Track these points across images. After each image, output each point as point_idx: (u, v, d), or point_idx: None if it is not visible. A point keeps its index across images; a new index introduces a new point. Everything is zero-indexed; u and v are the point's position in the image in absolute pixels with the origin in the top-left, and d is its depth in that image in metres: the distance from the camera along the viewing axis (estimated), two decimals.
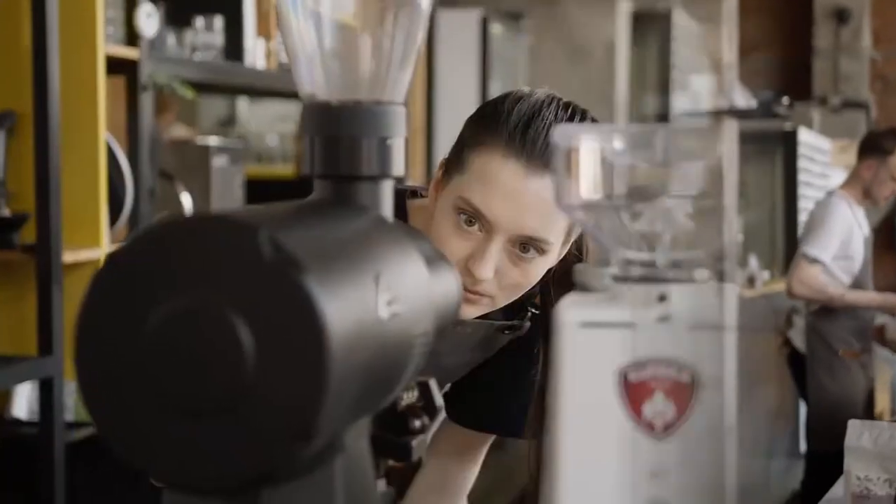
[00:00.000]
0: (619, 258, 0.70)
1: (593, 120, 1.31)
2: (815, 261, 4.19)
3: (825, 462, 3.67)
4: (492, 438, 1.53)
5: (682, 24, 7.27)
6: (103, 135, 2.44)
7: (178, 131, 4.31)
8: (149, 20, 2.56)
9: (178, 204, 2.90)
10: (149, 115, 2.59)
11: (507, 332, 1.42)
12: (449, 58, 5.03)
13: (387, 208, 0.78)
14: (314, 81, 0.79)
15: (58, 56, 2.33)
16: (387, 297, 0.67)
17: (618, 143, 0.68)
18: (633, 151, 0.69)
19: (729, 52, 5.69)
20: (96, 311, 0.61)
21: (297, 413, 0.59)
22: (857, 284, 4.33)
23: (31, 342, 2.36)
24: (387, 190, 0.79)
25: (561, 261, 1.35)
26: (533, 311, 1.43)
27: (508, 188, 1.23)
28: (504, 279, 1.27)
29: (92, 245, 2.43)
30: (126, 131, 2.60)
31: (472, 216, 1.25)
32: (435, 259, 0.83)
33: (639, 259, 0.70)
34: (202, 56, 2.93)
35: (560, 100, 1.29)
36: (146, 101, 2.58)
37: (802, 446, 4.69)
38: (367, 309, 0.64)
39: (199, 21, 2.98)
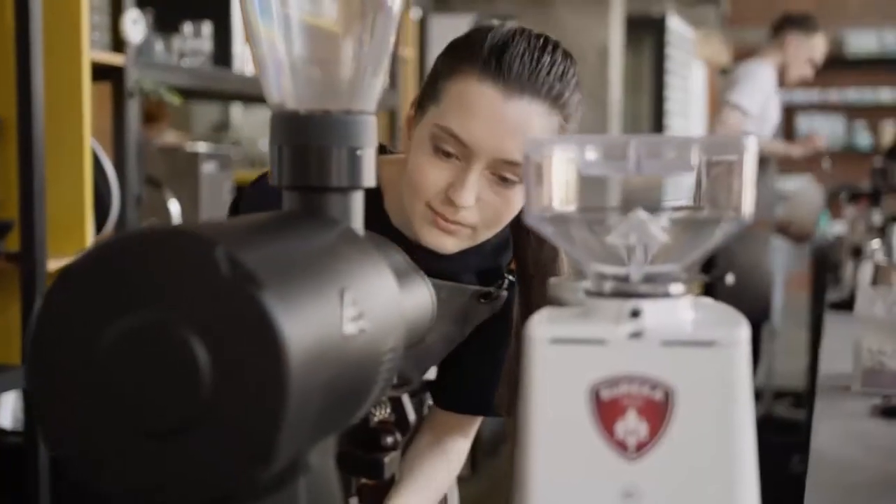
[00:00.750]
0: (591, 272, 0.68)
1: (566, 54, 1.29)
2: (742, 111, 4.31)
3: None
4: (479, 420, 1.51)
5: (676, 28, 7.27)
6: (89, 141, 2.42)
7: (171, 137, 4.29)
8: (135, 26, 2.54)
9: (166, 211, 2.88)
10: (135, 122, 2.57)
11: (483, 300, 1.40)
12: None
13: (357, 220, 0.76)
14: (282, 90, 0.77)
15: (42, 62, 2.31)
16: (353, 312, 0.66)
17: (590, 154, 0.67)
18: (605, 162, 0.67)
19: None
20: (49, 326, 0.59)
21: (256, 434, 0.57)
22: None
23: (15, 351, 2.34)
24: (357, 201, 0.77)
25: (538, 257, 1.34)
26: (510, 278, 1.41)
27: (487, 112, 1.22)
28: (485, 209, 1.25)
29: (77, 252, 2.40)
30: (112, 138, 2.58)
31: (450, 145, 1.23)
32: (407, 272, 0.81)
33: (612, 273, 0.68)
34: (190, 62, 2.91)
35: (532, 30, 1.29)
36: (132, 108, 2.56)
37: None
38: (330, 326, 0.62)
39: (188, 27, 2.96)
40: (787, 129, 10.20)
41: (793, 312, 6.47)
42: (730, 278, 4.39)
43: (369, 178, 0.77)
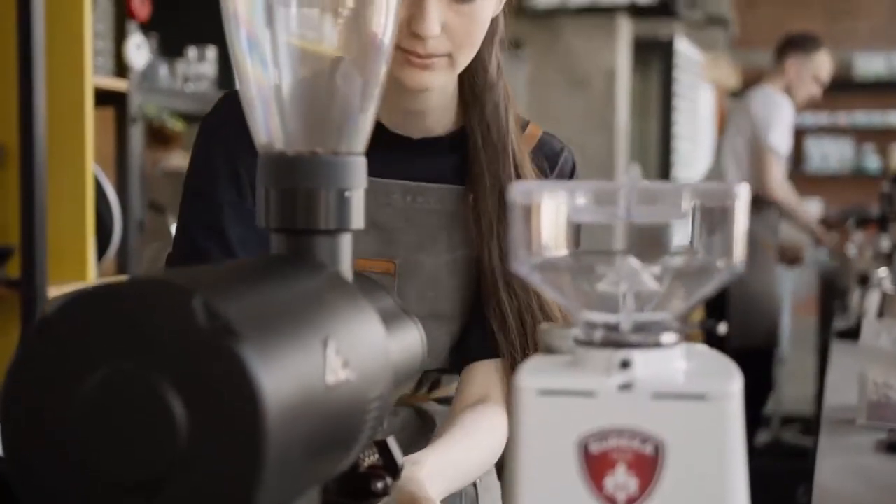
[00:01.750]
0: (581, 320, 0.67)
1: None
2: (780, 155, 4.32)
3: (747, 358, 4.14)
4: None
5: (684, 51, 7.27)
6: (91, 167, 2.41)
7: (180, 160, 4.28)
8: (139, 52, 2.54)
9: (169, 235, 2.87)
10: (138, 147, 2.57)
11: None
12: None
13: (345, 263, 0.75)
14: (270, 131, 0.76)
15: (45, 87, 2.30)
16: (337, 361, 0.64)
17: (580, 200, 0.65)
18: (596, 208, 0.66)
19: None
20: (25, 375, 0.58)
21: (234, 489, 0.55)
22: None
23: None
24: (345, 244, 0.76)
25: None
26: None
27: None
28: (454, 32, 1.21)
29: (79, 279, 2.39)
30: (115, 163, 2.57)
31: None
32: (395, 316, 0.79)
33: (602, 321, 0.66)
34: (194, 86, 2.91)
35: None
36: (135, 133, 2.55)
37: None
38: (312, 376, 0.61)
39: (192, 51, 2.96)
40: (797, 152, 10.19)
41: (801, 337, 6.44)
42: (722, 328, 4.36)
43: (358, 221, 0.76)
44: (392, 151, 1.31)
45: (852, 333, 2.79)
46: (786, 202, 4.35)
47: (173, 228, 3.00)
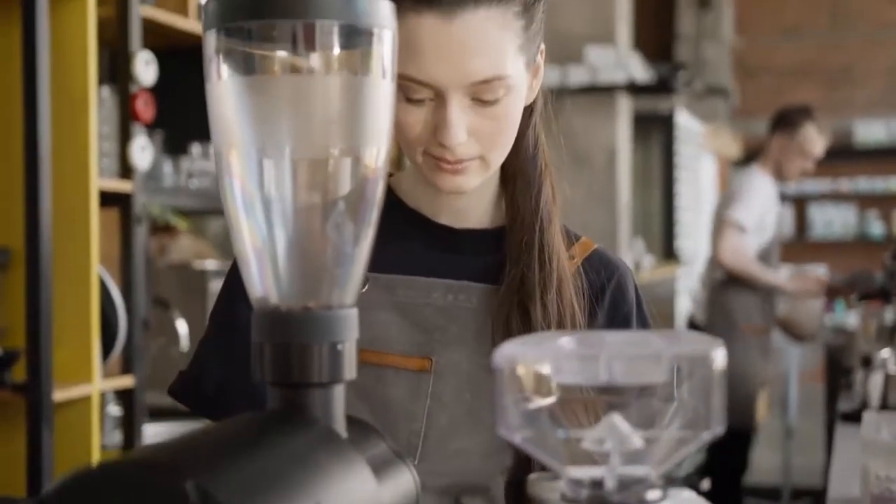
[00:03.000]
0: (566, 477, 0.69)
1: None
2: (741, 227, 4.32)
3: (723, 440, 4.17)
4: None
5: (684, 124, 7.34)
6: (96, 268, 2.44)
7: (186, 245, 4.32)
8: (143, 153, 2.58)
9: (174, 331, 2.90)
10: (142, 247, 2.60)
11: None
12: None
13: (338, 415, 0.77)
14: (265, 286, 0.78)
15: (50, 190, 2.34)
16: None
17: (563, 365, 0.67)
18: (579, 372, 0.68)
19: (621, 22, 5.68)
20: None
21: None
22: (762, 258, 4.47)
23: (20, 484, 2.33)
24: (338, 395, 0.77)
25: None
26: None
27: (432, 43, 1.12)
28: (481, 136, 1.17)
29: (84, 381, 2.41)
30: (120, 263, 2.60)
31: (415, 90, 1.15)
32: (388, 462, 0.81)
33: (587, 477, 0.68)
34: (198, 182, 2.95)
35: None
36: (140, 234, 2.59)
37: None
38: None
39: (196, 147, 3.00)
40: (800, 220, 10.26)
41: (810, 407, 6.41)
42: (705, 484, 4.36)
43: (350, 372, 0.78)
44: (434, 244, 1.29)
45: (857, 416, 2.79)
46: (739, 270, 4.33)
47: (178, 324, 3.04)
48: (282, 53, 0.82)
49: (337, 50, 0.75)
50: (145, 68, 2.58)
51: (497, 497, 1.25)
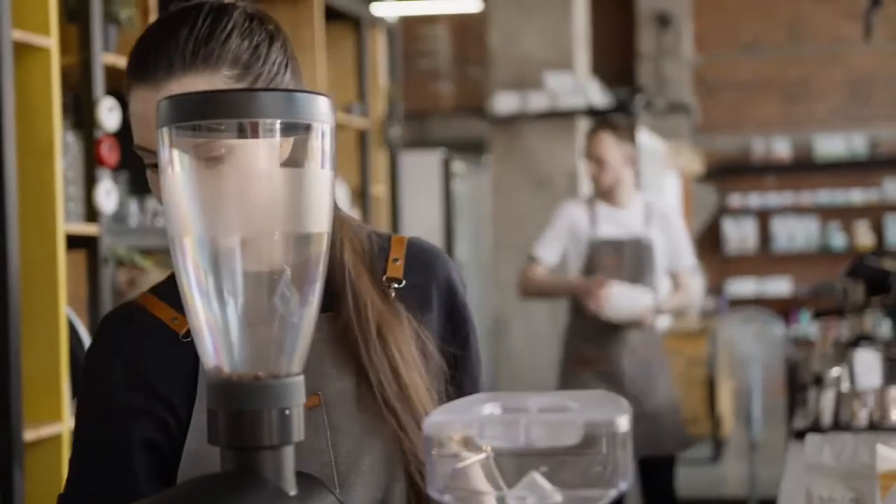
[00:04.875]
0: None
1: (212, 10, 1.20)
2: (533, 259, 4.15)
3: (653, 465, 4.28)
4: None
5: (646, 143, 7.45)
6: (64, 310, 2.50)
7: (154, 279, 4.36)
8: (108, 197, 2.65)
9: None
10: (109, 288, 2.66)
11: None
12: (413, 196, 5.15)
13: (288, 474, 0.84)
14: (218, 357, 0.85)
15: (18, 236, 2.40)
16: None
17: (487, 430, 0.75)
18: (502, 434, 0.76)
19: (580, 49, 5.74)
20: None
21: None
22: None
23: None
24: (288, 455, 0.85)
25: None
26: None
27: (143, 111, 1.17)
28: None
29: (54, 420, 2.47)
30: (87, 305, 2.66)
31: (149, 157, 1.18)
32: None
33: None
34: (164, 222, 3.01)
35: (176, 11, 1.21)
36: (106, 275, 2.65)
37: None
38: None
39: None
40: (763, 233, 10.40)
41: (776, 417, 6.50)
42: None
43: (299, 434, 0.85)
44: None
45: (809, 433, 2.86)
46: (540, 290, 4.19)
47: None
48: (229, 147, 0.90)
49: (279, 144, 0.83)
50: (108, 115, 2.64)
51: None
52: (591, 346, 4.14)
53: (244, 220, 0.85)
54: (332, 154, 0.86)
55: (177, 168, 0.84)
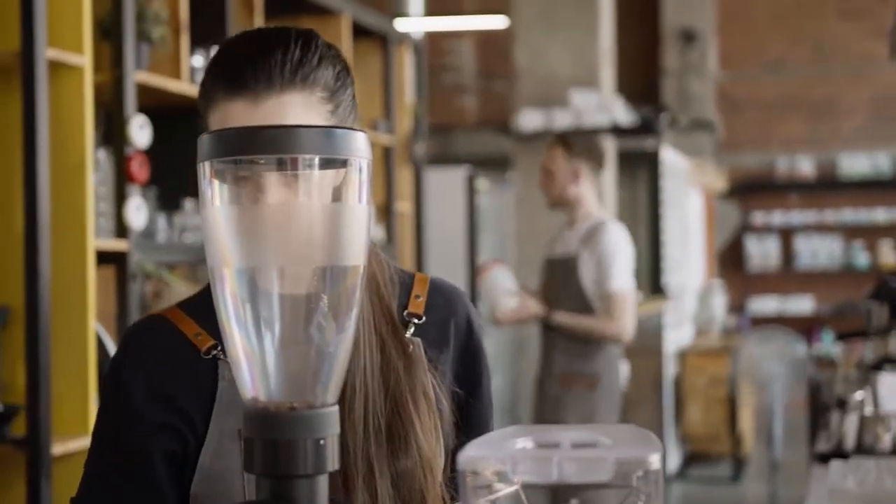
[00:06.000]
0: None
1: (302, 35, 1.23)
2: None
3: None
4: None
5: (670, 161, 7.45)
6: (93, 325, 2.53)
7: (180, 292, 4.39)
8: (138, 213, 2.68)
9: None
10: (137, 302, 2.69)
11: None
12: (437, 212, 5.16)
13: (322, 502, 0.86)
14: (255, 388, 0.87)
15: (49, 252, 2.43)
16: None
17: (520, 465, 0.76)
18: (534, 469, 0.77)
19: (605, 66, 5.73)
20: None
21: None
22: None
23: None
24: (322, 485, 0.86)
25: None
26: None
27: (241, 123, 1.18)
28: None
29: (82, 434, 2.49)
30: (116, 320, 2.69)
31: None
32: None
33: None
34: (192, 237, 3.05)
35: (264, 28, 1.24)
36: (134, 291, 2.68)
37: None
38: None
39: (189, 202, 3.09)
40: (786, 250, 10.36)
41: (797, 437, 6.44)
42: None
43: (333, 463, 0.86)
44: None
45: (832, 457, 2.86)
46: (515, 317, 4.12)
47: None
48: (269, 183, 0.92)
49: (318, 179, 0.84)
50: (139, 132, 2.67)
51: None
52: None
53: (283, 252, 0.87)
54: (369, 188, 0.88)
55: (216, 201, 0.86)
